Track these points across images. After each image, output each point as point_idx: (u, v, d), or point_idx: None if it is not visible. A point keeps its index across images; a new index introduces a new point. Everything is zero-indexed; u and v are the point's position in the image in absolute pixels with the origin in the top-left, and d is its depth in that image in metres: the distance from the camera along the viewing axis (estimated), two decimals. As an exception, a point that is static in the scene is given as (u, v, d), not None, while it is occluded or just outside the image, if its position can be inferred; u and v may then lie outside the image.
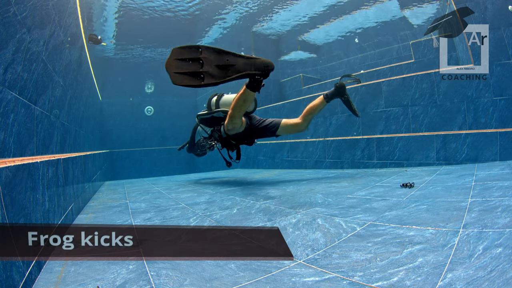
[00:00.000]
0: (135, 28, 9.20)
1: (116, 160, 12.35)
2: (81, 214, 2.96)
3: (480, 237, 1.58)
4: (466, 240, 1.57)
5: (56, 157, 2.24)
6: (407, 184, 3.12)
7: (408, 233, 1.77)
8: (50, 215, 1.91)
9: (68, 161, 2.67)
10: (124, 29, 9.20)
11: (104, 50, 10.57)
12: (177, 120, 12.40)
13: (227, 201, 3.21)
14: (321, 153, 6.18)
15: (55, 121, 2.39)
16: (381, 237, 1.77)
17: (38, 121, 1.89)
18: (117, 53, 11.12)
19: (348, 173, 4.84)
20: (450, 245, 1.55)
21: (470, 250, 1.46)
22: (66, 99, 2.99)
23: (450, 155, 4.55)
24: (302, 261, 1.57)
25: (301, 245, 1.77)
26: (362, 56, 10.89)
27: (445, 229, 1.75)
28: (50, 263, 1.64)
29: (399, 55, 9.53)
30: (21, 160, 1.53)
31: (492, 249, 1.42)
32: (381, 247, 1.63)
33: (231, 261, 1.58)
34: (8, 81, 1.46)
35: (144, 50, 11.11)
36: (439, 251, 1.49)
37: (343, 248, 1.68)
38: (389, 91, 5.25)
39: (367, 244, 1.69)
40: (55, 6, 2.44)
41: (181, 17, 8.91)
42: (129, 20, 8.67)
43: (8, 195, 1.31)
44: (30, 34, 1.75)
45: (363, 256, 1.55)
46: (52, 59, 2.33)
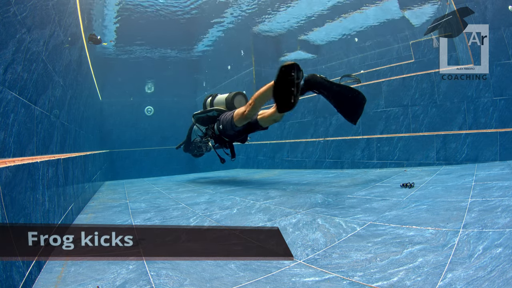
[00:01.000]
0: (135, 28, 9.20)
1: (116, 160, 12.34)
2: (81, 214, 2.96)
3: (480, 237, 1.58)
4: (466, 240, 1.57)
5: (56, 157, 2.24)
6: (407, 184, 3.12)
7: (408, 233, 1.77)
8: (50, 215, 1.91)
9: (68, 161, 2.67)
10: (124, 29, 9.19)
11: (104, 50, 10.57)
12: (177, 120, 12.42)
13: (227, 201, 3.21)
14: (321, 153, 6.18)
15: (55, 121, 2.39)
16: (381, 237, 1.77)
17: (38, 121, 1.89)
18: (117, 53, 11.12)
19: (348, 173, 4.84)
20: (450, 245, 1.55)
21: (470, 250, 1.46)
22: (66, 99, 2.99)
23: (450, 155, 4.55)
24: (302, 261, 1.57)
25: (301, 245, 1.77)
26: (362, 56, 10.89)
27: (445, 229, 1.75)
28: (50, 263, 1.64)
29: (399, 55, 9.53)
30: (21, 160, 1.53)
31: (492, 249, 1.42)
32: (381, 247, 1.63)
33: (231, 261, 1.58)
34: (8, 81, 1.46)
35: (144, 50, 11.11)
36: (439, 251, 1.49)
37: (343, 248, 1.68)
38: (389, 91, 5.25)
39: (367, 244, 1.69)
40: (55, 6, 2.44)
41: (180, 17, 8.91)
42: (129, 20, 8.66)
43: (8, 195, 1.31)
44: (30, 34, 1.75)
45: (363, 256, 1.55)
46: (52, 59, 2.33)
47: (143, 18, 8.73)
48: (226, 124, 4.12)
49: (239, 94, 4.54)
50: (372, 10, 9.05)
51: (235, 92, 4.55)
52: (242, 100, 4.55)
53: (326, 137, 6.13)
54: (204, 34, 10.27)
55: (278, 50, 11.58)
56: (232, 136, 4.28)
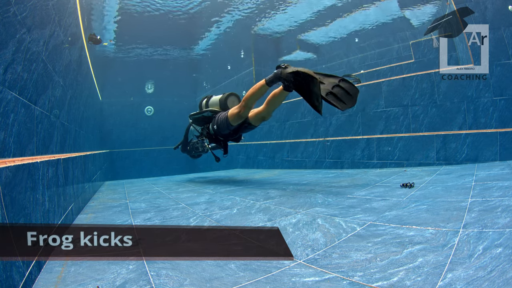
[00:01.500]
0: (135, 29, 9.20)
1: (116, 160, 12.32)
2: (81, 214, 2.96)
3: (480, 237, 1.58)
4: (466, 240, 1.57)
5: (56, 157, 2.24)
6: (407, 184, 3.13)
7: (408, 233, 1.77)
8: (50, 215, 1.91)
9: (68, 161, 2.67)
10: (124, 29, 9.19)
11: (104, 50, 10.57)
12: (177, 120, 12.41)
13: (227, 201, 3.21)
14: (321, 153, 6.18)
15: (55, 121, 2.39)
16: (381, 237, 1.77)
17: (38, 121, 1.89)
18: (117, 53, 11.12)
19: (348, 173, 4.84)
20: (450, 245, 1.55)
21: (470, 250, 1.46)
22: (66, 99, 2.99)
23: (450, 155, 4.56)
24: (302, 261, 1.57)
25: (301, 245, 1.77)
26: (362, 56, 10.88)
27: (445, 229, 1.75)
28: (50, 263, 1.64)
29: (399, 55, 9.53)
30: (21, 160, 1.53)
31: (492, 249, 1.43)
32: (381, 247, 1.63)
33: (231, 261, 1.58)
34: (8, 81, 1.46)
35: (144, 49, 11.12)
36: (439, 251, 1.49)
37: (343, 248, 1.69)
38: (389, 91, 5.25)
39: (367, 244, 1.69)
40: (55, 6, 2.44)
41: (180, 17, 8.92)
42: (129, 20, 8.67)
43: (8, 195, 1.31)
44: (30, 34, 1.75)
45: (363, 256, 1.55)
46: (52, 59, 2.33)
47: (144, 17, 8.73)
48: (221, 123, 4.38)
49: (232, 95, 4.84)
50: (372, 10, 9.04)
51: (228, 93, 4.86)
52: (235, 100, 4.81)
53: (326, 137, 6.13)
54: (204, 34, 10.27)
55: (278, 50, 11.58)
56: (226, 135, 4.55)
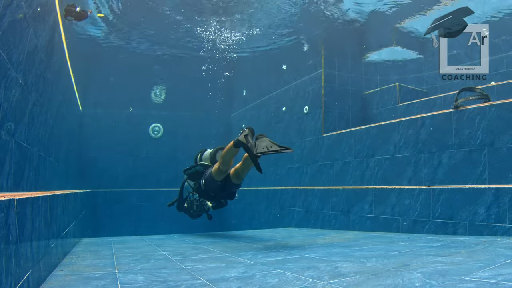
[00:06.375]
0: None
1: (101, 205, 12.31)
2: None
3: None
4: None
5: (7, 197, 2.06)
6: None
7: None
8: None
9: (26, 204, 2.52)
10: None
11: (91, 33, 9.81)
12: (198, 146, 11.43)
13: (272, 277, 3.24)
14: (423, 208, 6.08)
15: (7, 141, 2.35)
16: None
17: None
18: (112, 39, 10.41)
19: (464, 242, 4.71)
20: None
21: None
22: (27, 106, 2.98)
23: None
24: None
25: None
26: (494, 59, 10.48)
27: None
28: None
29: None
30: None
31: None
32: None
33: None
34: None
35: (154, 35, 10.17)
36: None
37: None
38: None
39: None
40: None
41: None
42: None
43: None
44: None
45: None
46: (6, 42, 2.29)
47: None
48: (208, 178, 6.28)
49: (221, 148, 6.75)
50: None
51: (217, 147, 7.13)
52: None
53: (432, 185, 6.06)
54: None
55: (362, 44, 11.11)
56: (216, 190, 6.40)
